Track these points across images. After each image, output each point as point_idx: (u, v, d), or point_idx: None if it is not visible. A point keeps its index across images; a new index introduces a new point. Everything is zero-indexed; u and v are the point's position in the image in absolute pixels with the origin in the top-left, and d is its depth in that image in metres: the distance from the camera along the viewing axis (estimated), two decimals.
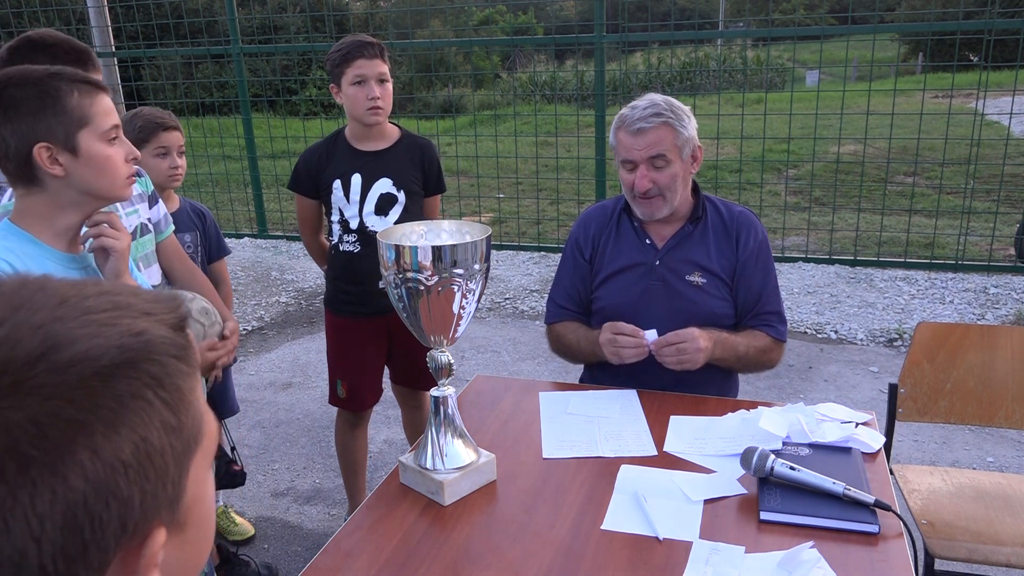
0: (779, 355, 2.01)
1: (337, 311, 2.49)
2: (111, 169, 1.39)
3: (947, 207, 6.28)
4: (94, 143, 1.36)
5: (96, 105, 1.37)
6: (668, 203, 1.92)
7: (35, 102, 1.32)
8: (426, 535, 1.37)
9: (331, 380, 2.56)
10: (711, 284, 1.96)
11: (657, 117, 1.85)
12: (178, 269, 2.06)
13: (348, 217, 2.37)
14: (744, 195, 6.59)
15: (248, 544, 2.72)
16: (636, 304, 1.98)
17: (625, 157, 1.90)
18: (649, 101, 1.89)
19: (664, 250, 1.99)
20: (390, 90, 2.33)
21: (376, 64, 2.28)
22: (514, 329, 4.56)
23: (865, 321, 4.37)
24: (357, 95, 2.27)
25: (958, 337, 2.10)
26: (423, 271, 1.36)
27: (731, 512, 1.40)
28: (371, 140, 2.38)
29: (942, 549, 1.82)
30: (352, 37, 2.32)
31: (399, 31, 10.22)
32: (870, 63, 6.20)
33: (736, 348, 1.90)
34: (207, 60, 10.52)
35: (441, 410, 1.50)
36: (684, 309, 1.94)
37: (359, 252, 2.38)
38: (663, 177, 1.88)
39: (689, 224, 1.99)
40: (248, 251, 6.32)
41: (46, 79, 1.33)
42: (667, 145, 1.86)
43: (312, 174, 2.40)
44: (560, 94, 11.09)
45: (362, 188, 2.35)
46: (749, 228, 1.99)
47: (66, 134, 1.34)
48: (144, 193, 1.98)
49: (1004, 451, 3.08)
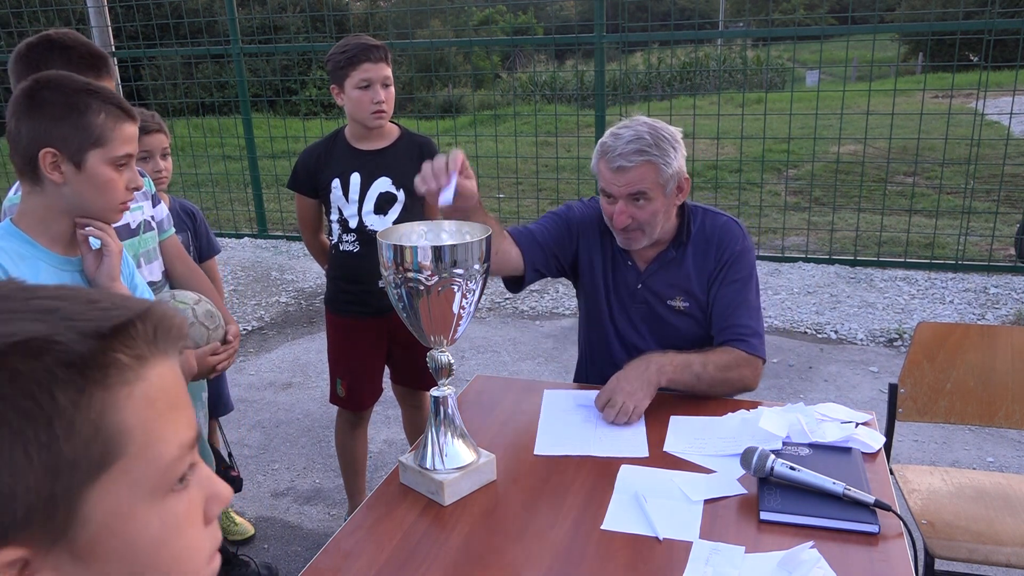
0: (753, 373, 1.84)
1: (337, 311, 2.49)
2: (109, 192, 1.42)
3: (947, 207, 6.28)
4: (101, 164, 1.39)
5: (118, 130, 1.40)
6: (647, 236, 1.85)
7: (61, 109, 1.36)
8: (426, 535, 1.37)
9: (331, 379, 2.56)
10: (694, 307, 1.92)
11: (640, 155, 1.75)
12: (179, 269, 2.07)
13: (347, 216, 2.37)
14: (744, 195, 6.59)
15: (248, 544, 2.72)
16: (618, 329, 1.97)
17: (604, 189, 1.83)
18: (634, 133, 1.77)
19: (647, 274, 1.94)
20: (393, 93, 2.33)
21: (381, 68, 2.27)
22: (514, 329, 4.56)
23: (865, 321, 4.37)
24: (362, 99, 2.26)
25: (958, 337, 2.10)
26: (423, 271, 1.36)
27: (731, 512, 1.40)
28: (371, 140, 2.37)
29: (942, 549, 1.82)
30: (356, 39, 2.30)
31: (399, 31, 10.21)
32: (870, 63, 6.20)
33: (690, 365, 1.78)
34: (207, 60, 10.52)
35: (441, 410, 1.50)
36: (667, 334, 1.92)
37: (359, 252, 2.38)
38: (643, 214, 1.80)
39: (672, 248, 1.92)
40: (248, 251, 6.31)
41: (81, 92, 1.38)
42: (648, 183, 1.77)
43: (311, 173, 2.40)
44: (560, 94, 11.08)
45: (361, 187, 2.35)
46: (728, 239, 1.91)
47: (78, 147, 1.37)
48: (147, 191, 1.99)
49: (1004, 451, 3.08)
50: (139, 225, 1.92)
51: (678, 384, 1.78)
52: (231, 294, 5.29)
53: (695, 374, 1.78)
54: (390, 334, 2.47)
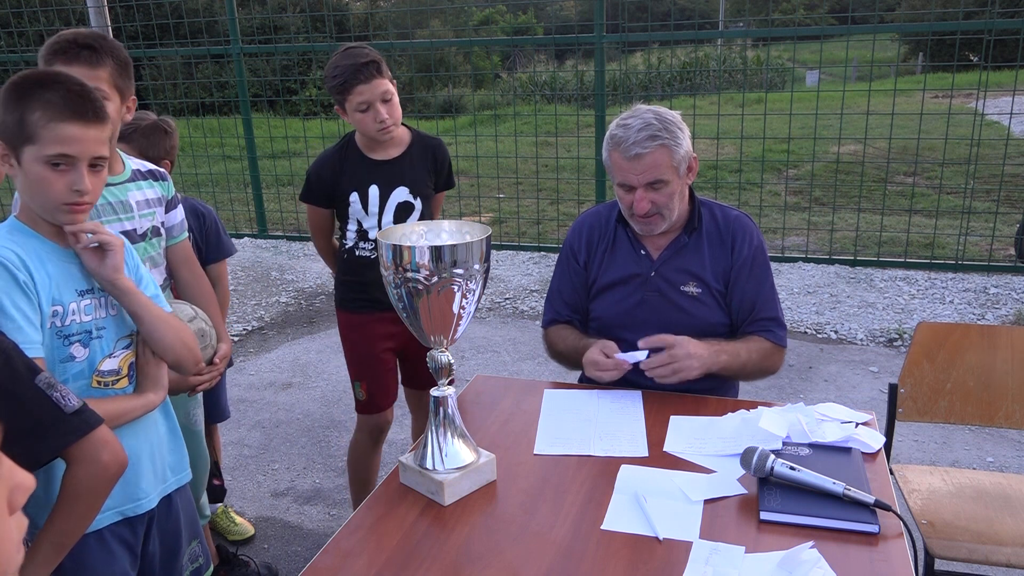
0: (780, 360, 1.98)
1: (352, 308, 2.44)
2: (42, 192, 1.38)
3: (947, 207, 6.28)
4: (33, 162, 1.36)
5: (56, 129, 1.35)
6: (667, 220, 1.91)
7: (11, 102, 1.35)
8: (426, 535, 1.37)
9: (352, 384, 2.51)
10: (706, 294, 1.95)
11: (652, 140, 1.80)
12: (184, 276, 2.06)
13: (367, 228, 2.35)
14: (744, 195, 6.59)
15: (248, 544, 2.72)
16: (631, 315, 1.98)
17: (622, 180, 1.87)
18: (642, 121, 1.82)
19: (659, 261, 1.97)
20: (397, 103, 2.27)
21: (376, 85, 2.20)
22: (514, 329, 4.56)
23: (865, 321, 4.37)
24: (365, 120, 2.23)
25: (958, 337, 2.10)
26: (423, 271, 1.36)
27: (731, 512, 1.40)
28: (384, 149, 2.34)
29: (942, 549, 1.82)
30: (345, 59, 2.21)
31: (399, 31, 10.22)
32: (870, 63, 6.21)
33: (738, 354, 1.87)
34: (207, 60, 10.52)
35: (441, 410, 1.50)
36: (679, 320, 1.94)
37: (376, 257, 2.33)
38: (662, 197, 1.86)
39: (684, 234, 1.97)
40: (248, 251, 6.31)
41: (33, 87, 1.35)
42: (664, 167, 1.82)
43: (326, 185, 2.35)
44: (560, 94, 11.09)
45: (380, 199, 2.32)
46: (744, 233, 1.96)
47: (14, 143, 1.36)
48: (163, 197, 1.97)
49: (1004, 451, 3.08)
50: (147, 231, 1.91)
51: (729, 370, 1.87)
52: (231, 294, 5.28)
53: (742, 363, 1.89)
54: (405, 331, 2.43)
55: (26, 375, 1.21)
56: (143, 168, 1.94)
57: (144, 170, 1.93)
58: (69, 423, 1.23)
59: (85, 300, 1.44)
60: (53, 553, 1.29)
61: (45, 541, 1.28)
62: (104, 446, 1.28)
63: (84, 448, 1.26)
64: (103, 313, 1.47)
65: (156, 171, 1.97)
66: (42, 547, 1.28)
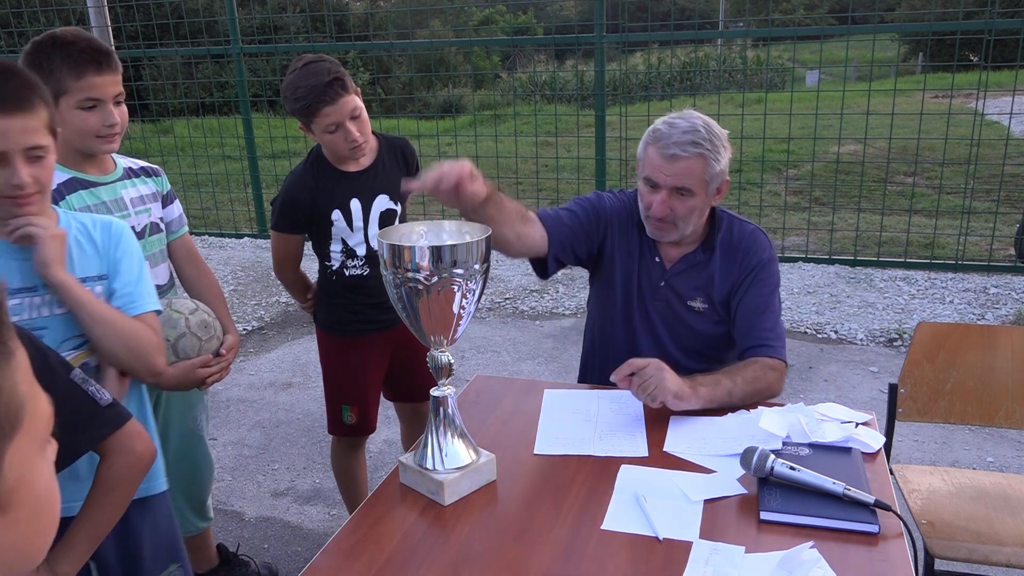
0: (778, 377, 1.84)
1: (340, 331, 2.36)
2: None
3: (947, 207, 6.28)
4: None
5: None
6: (679, 231, 1.86)
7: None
8: (426, 535, 1.37)
9: (334, 408, 2.41)
10: (711, 310, 1.94)
11: (694, 147, 1.76)
12: (188, 271, 2.05)
13: (354, 245, 2.25)
14: (744, 195, 6.58)
15: (248, 544, 2.72)
16: (631, 317, 1.97)
17: (650, 176, 1.82)
18: (690, 124, 1.78)
19: (672, 272, 1.94)
20: (365, 117, 2.15)
21: (343, 104, 2.06)
22: (514, 329, 4.56)
23: (865, 321, 4.37)
24: (335, 140, 2.11)
25: (958, 337, 2.10)
26: (423, 271, 1.36)
27: (731, 512, 1.40)
28: (356, 159, 2.24)
29: (942, 549, 1.82)
30: (307, 78, 2.05)
31: (399, 31, 10.22)
32: (870, 63, 6.21)
33: (719, 383, 1.74)
34: (207, 60, 10.51)
35: (441, 410, 1.50)
36: (681, 333, 1.93)
37: (368, 274, 2.28)
38: (682, 207, 1.81)
39: (700, 251, 1.93)
40: (248, 251, 6.31)
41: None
42: (695, 178, 1.78)
43: (303, 209, 2.21)
44: (560, 94, 11.08)
45: (363, 212, 2.24)
46: (755, 247, 1.92)
47: None
48: (158, 192, 1.97)
49: (1004, 451, 3.08)
50: (145, 228, 1.91)
51: (714, 402, 1.73)
52: (231, 294, 5.29)
53: (727, 391, 1.74)
54: (395, 348, 2.38)
55: (62, 371, 1.24)
56: (135, 166, 1.95)
57: (136, 167, 1.95)
58: (105, 415, 1.26)
59: (14, 300, 1.39)
60: (87, 544, 1.29)
61: (80, 532, 1.27)
62: (138, 437, 1.31)
63: (120, 439, 1.29)
64: (46, 312, 1.42)
65: (149, 167, 1.98)
66: (77, 538, 1.27)
